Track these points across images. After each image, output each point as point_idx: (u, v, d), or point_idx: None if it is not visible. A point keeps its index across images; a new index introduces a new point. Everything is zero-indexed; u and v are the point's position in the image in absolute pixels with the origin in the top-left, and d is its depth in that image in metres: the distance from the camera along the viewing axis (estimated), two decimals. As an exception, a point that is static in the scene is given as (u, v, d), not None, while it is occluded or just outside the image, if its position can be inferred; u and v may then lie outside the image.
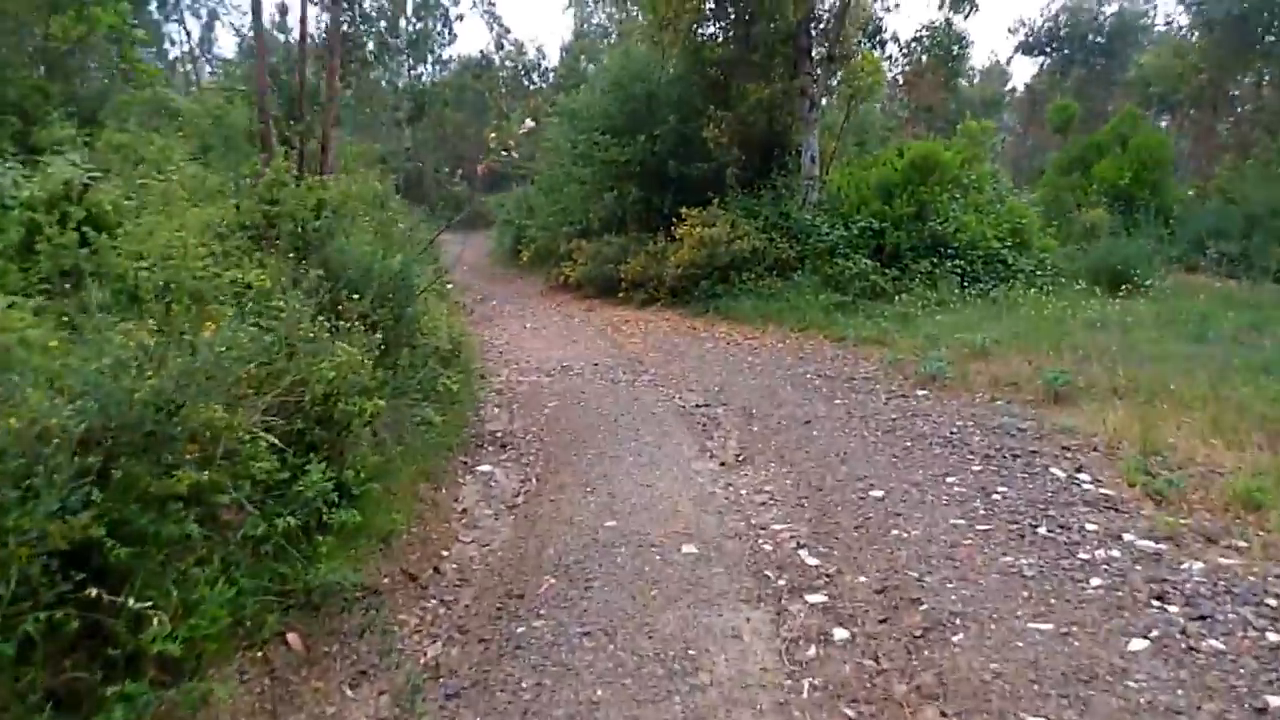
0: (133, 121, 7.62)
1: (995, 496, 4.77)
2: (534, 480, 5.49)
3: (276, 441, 3.30)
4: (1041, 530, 4.24)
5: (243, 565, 3.09)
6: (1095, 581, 3.64)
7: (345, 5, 20.91)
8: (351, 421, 3.89)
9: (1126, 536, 4.09)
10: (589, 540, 4.35)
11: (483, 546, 4.47)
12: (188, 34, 32.01)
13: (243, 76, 16.75)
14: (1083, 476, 5.00)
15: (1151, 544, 4.00)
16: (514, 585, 3.91)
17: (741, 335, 10.78)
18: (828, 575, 3.94)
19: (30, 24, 7.64)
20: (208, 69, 31.33)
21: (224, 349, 2.90)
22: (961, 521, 4.43)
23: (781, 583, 3.87)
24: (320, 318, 4.27)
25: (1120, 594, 3.51)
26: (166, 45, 31.89)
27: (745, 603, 3.67)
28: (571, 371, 8.86)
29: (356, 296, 4.59)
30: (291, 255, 4.72)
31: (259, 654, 2.97)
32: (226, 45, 36.39)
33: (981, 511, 4.56)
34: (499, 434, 6.50)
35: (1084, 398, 6.58)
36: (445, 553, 4.35)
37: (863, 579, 3.87)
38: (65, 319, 3.67)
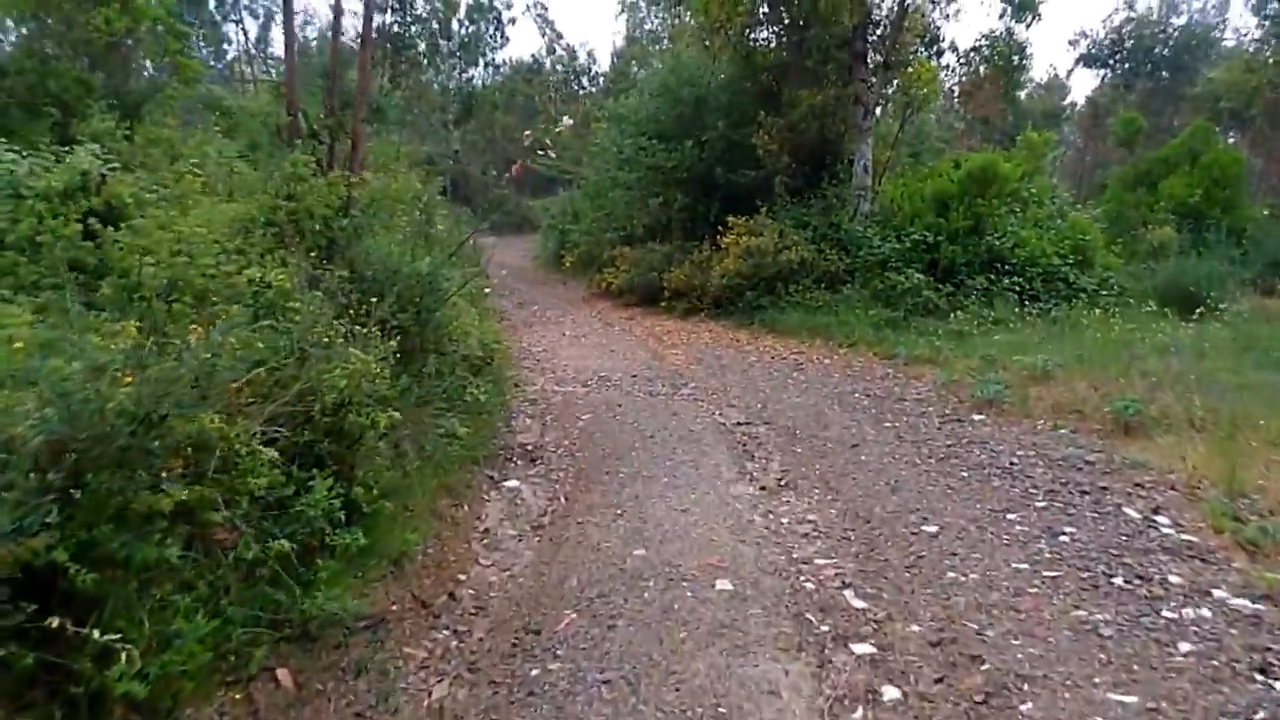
0: (171, 117, 7.51)
1: (1063, 538, 4.34)
2: (562, 499, 5.18)
3: (276, 455, 3.03)
4: (1118, 580, 3.80)
5: (233, 591, 2.82)
6: (1185, 646, 3.20)
7: (396, 5, 20.97)
8: (363, 434, 3.62)
9: (1217, 593, 3.64)
10: (615, 570, 4.03)
11: (503, 571, 4.16)
12: (245, 34, 32.48)
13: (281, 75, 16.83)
14: (1161, 519, 4.54)
15: (1247, 603, 3.54)
16: (532, 618, 3.59)
17: (787, 349, 10.38)
18: (876, 622, 3.56)
19: (74, 16, 7.60)
20: (264, 68, 31.73)
21: (209, 355, 2.62)
22: (1025, 566, 4.02)
23: (825, 628, 3.50)
24: (339, 321, 4.03)
25: (1216, 664, 3.07)
26: (225, 45, 32.42)
27: (784, 651, 3.31)
28: (609, 382, 8.56)
29: (374, 300, 4.32)
30: (313, 254, 4.49)
31: (243, 693, 2.70)
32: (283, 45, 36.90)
33: (1048, 555, 4.14)
34: (529, 447, 6.21)
35: (1157, 429, 6.08)
36: (462, 577, 4.05)
37: (915, 628, 3.48)
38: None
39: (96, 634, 2.24)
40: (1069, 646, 3.24)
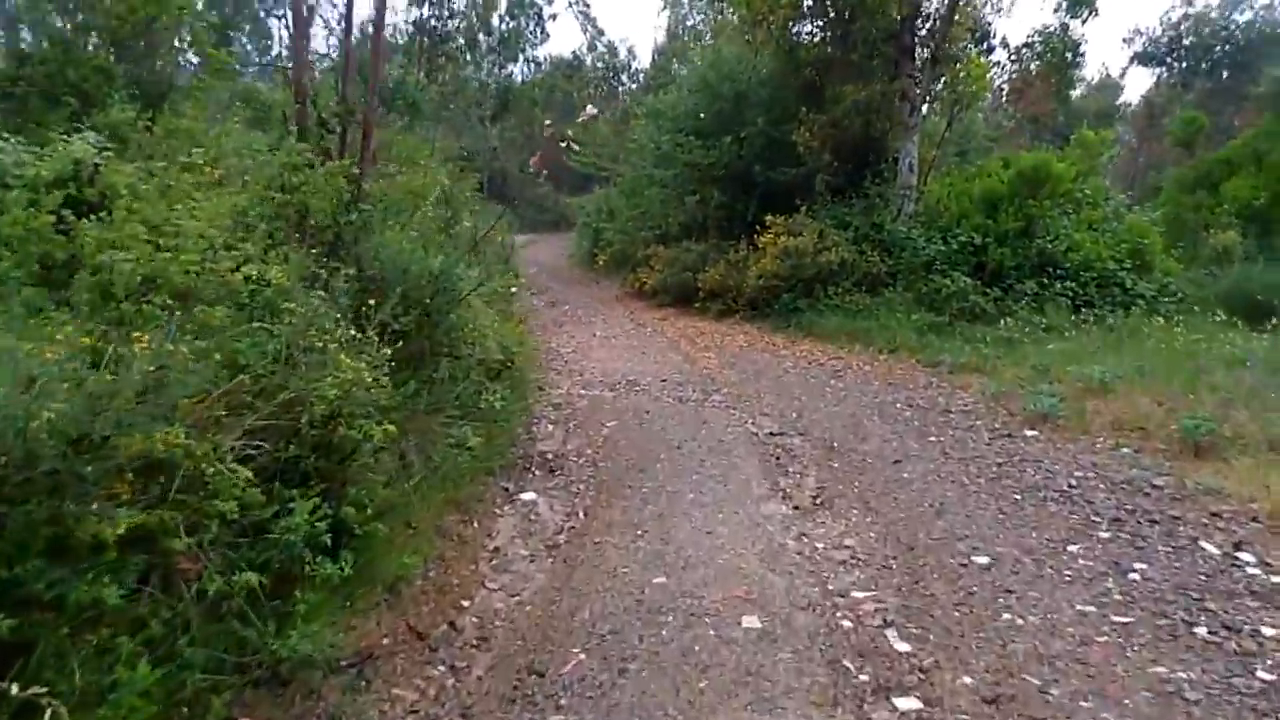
0: (196, 107, 7.27)
1: (1132, 576, 3.89)
2: (581, 514, 4.83)
3: (252, 475, 2.71)
4: (1200, 631, 3.35)
5: (194, 629, 2.51)
6: (1288, 720, 2.76)
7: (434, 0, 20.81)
8: (356, 448, 3.30)
9: (1320, 651, 3.19)
10: (632, 602, 3.66)
11: (511, 596, 3.82)
12: (288, 30, 32.56)
13: (328, 69, 16.71)
14: (1244, 556, 4.06)
15: (1358, 666, 3.08)
16: (538, 656, 3.24)
17: (825, 355, 9.94)
18: (921, 670, 3.15)
19: (96, 3, 7.43)
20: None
21: (153, 367, 2.31)
22: (1092, 608, 3.58)
23: (864, 677, 3.10)
24: (341, 324, 3.72)
25: (1327, 743, 2.64)
26: (268, 41, 32.58)
27: (817, 706, 2.92)
28: (637, 387, 8.20)
29: (373, 303, 3.99)
30: (315, 250, 4.18)
31: (196, 748, 2.38)
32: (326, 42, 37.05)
33: (1117, 596, 3.69)
34: (549, 456, 5.88)
35: (1232, 451, 5.56)
36: (465, 603, 3.71)
37: (967, 680, 3.07)
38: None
39: (15, 689, 1.94)
40: (1149, 712, 2.81)
